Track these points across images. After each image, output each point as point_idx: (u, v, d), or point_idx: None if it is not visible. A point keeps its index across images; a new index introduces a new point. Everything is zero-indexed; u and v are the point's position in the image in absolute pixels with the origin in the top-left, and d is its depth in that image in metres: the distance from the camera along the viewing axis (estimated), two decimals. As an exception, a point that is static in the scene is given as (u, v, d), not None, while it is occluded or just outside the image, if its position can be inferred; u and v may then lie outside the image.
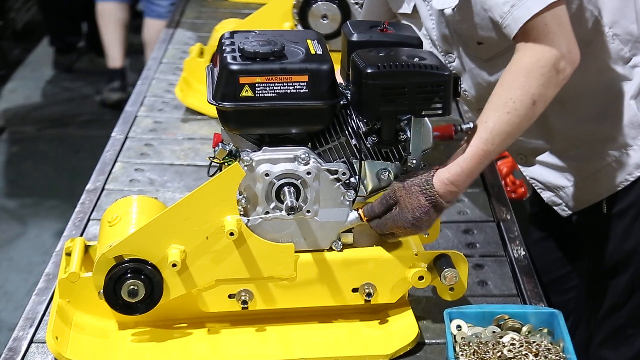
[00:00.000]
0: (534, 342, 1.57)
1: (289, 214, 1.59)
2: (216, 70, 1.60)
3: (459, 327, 1.61)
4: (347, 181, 1.62)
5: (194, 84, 2.71)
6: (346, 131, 1.61)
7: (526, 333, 1.60)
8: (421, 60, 1.54)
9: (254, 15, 2.73)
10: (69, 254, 1.75)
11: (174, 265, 1.58)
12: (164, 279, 1.60)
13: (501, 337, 1.58)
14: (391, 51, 1.58)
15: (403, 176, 1.60)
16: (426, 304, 1.77)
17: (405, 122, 1.61)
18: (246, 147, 1.61)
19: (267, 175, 1.59)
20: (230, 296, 1.65)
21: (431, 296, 1.77)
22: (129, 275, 1.59)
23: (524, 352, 1.54)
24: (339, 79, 1.64)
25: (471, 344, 1.57)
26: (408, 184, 1.57)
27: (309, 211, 1.62)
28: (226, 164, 1.63)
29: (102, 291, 1.60)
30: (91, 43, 5.57)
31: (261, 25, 2.57)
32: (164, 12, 4.39)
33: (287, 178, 1.60)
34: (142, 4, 4.70)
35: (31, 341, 1.68)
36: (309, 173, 1.60)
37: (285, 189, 1.60)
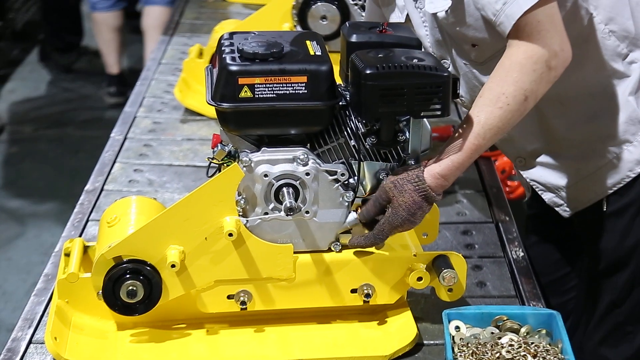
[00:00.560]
0: (532, 343, 1.57)
1: (287, 215, 1.59)
2: (215, 71, 1.60)
3: (458, 328, 1.61)
4: (346, 182, 1.63)
5: (193, 84, 2.71)
6: (345, 132, 1.61)
7: (525, 334, 1.60)
8: (420, 61, 1.55)
9: (254, 16, 2.73)
10: (67, 255, 1.75)
11: (172, 266, 1.58)
12: (162, 279, 1.60)
13: (500, 338, 1.58)
14: (390, 52, 1.58)
15: (392, 175, 1.60)
16: (425, 305, 1.77)
17: (404, 123, 1.62)
18: (245, 147, 1.61)
19: (266, 176, 1.59)
20: (229, 297, 1.66)
21: (430, 297, 1.77)
22: (127, 276, 1.59)
23: (522, 353, 1.54)
24: (338, 80, 1.64)
25: (470, 344, 1.57)
26: (399, 183, 1.58)
27: (307, 212, 1.62)
28: (225, 164, 1.63)
29: (101, 292, 1.60)
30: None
31: (260, 26, 2.58)
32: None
33: (286, 179, 1.60)
34: None
35: (30, 342, 1.69)
36: (307, 174, 1.60)
37: (284, 189, 1.60)
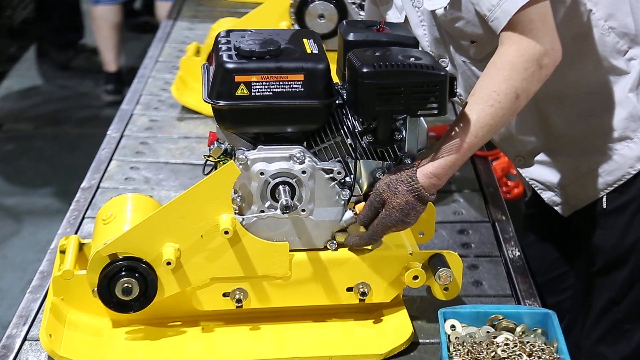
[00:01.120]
0: (527, 342, 1.57)
1: (283, 213, 1.59)
2: (212, 69, 1.60)
3: (453, 327, 1.61)
4: (342, 180, 1.62)
5: (190, 82, 2.71)
6: (342, 130, 1.61)
7: (520, 333, 1.60)
8: (417, 60, 1.54)
9: (251, 14, 2.73)
10: (63, 252, 1.75)
11: (168, 264, 1.57)
12: (158, 277, 1.60)
13: (495, 337, 1.58)
14: (387, 51, 1.58)
15: (385, 176, 1.60)
16: (420, 304, 1.77)
17: (400, 121, 1.61)
18: (241, 145, 1.61)
19: (262, 174, 1.59)
20: (225, 295, 1.65)
21: (425, 296, 1.77)
22: (123, 273, 1.58)
23: (517, 352, 1.54)
24: (335, 78, 1.64)
25: (465, 343, 1.57)
26: (393, 184, 1.58)
27: (303, 210, 1.62)
28: (221, 162, 1.63)
29: (96, 289, 1.60)
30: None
31: (258, 25, 2.56)
32: None
33: (282, 177, 1.60)
34: None
35: (25, 339, 1.68)
36: (304, 172, 1.60)
37: (281, 187, 1.60)
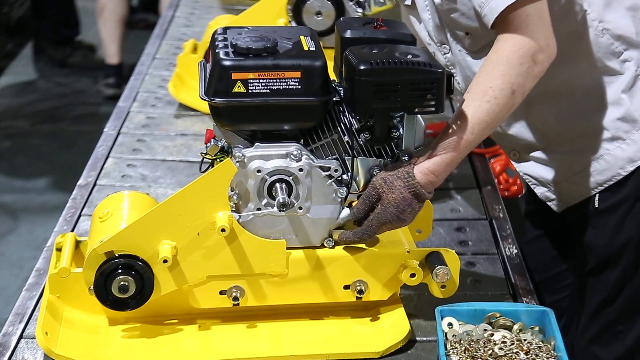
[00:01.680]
0: (525, 340, 1.57)
1: (280, 211, 1.58)
2: (209, 66, 1.59)
3: (451, 325, 1.61)
4: (339, 178, 1.62)
5: (187, 79, 2.70)
6: (339, 128, 1.61)
7: (517, 331, 1.60)
8: (414, 57, 1.54)
9: (248, 12, 2.73)
10: (59, 250, 1.75)
11: (165, 261, 1.57)
12: (154, 274, 1.60)
13: (492, 335, 1.58)
14: (384, 48, 1.57)
15: (382, 172, 1.60)
16: (418, 302, 1.77)
17: (398, 119, 1.61)
18: (238, 143, 1.61)
19: (259, 171, 1.59)
20: (222, 292, 1.65)
21: (423, 294, 1.77)
22: (119, 271, 1.58)
23: (515, 350, 1.54)
24: (332, 75, 1.64)
25: (462, 341, 1.57)
26: (389, 179, 1.57)
27: (300, 208, 1.62)
28: (218, 160, 1.62)
29: (92, 287, 1.59)
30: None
31: (255, 22, 2.56)
32: None
33: (279, 174, 1.60)
34: None
35: (21, 336, 1.68)
36: (301, 170, 1.60)
37: (277, 185, 1.59)
